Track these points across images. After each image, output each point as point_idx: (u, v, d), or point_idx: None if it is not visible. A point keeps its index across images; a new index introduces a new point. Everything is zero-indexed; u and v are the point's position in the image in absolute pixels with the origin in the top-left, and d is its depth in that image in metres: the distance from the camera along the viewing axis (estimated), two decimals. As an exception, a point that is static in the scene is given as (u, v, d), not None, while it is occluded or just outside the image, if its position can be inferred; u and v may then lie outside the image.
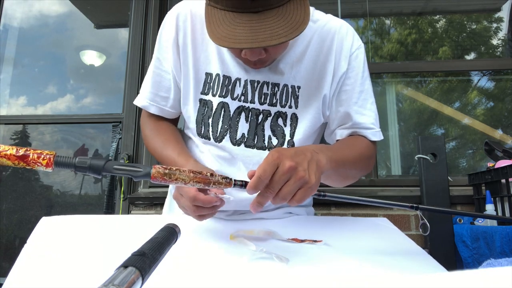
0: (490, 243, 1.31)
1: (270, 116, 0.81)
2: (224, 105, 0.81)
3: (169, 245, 0.37)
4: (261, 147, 0.81)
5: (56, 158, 0.47)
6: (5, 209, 2.11)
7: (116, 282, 0.25)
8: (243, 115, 0.81)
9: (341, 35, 0.85)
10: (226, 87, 0.82)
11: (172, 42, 0.84)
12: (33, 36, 2.56)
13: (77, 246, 0.62)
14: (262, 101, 0.82)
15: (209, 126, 0.82)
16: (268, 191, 0.56)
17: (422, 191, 1.63)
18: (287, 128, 0.82)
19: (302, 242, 0.67)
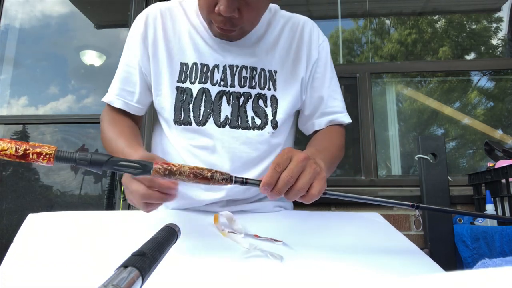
0: (490, 243, 1.31)
1: (251, 98, 0.84)
2: (204, 91, 0.83)
3: (169, 245, 0.37)
4: (246, 127, 0.83)
5: (57, 153, 0.46)
6: (5, 209, 2.11)
7: (116, 282, 0.25)
8: (225, 98, 0.83)
9: (309, 27, 0.92)
10: (205, 74, 0.84)
11: (139, 38, 0.86)
12: (33, 36, 2.56)
13: (67, 243, 0.60)
14: (242, 84, 0.84)
15: (190, 111, 0.82)
16: (286, 180, 0.54)
17: (422, 191, 1.63)
18: (268, 108, 0.85)
19: (261, 238, 0.66)
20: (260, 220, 0.79)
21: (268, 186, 0.54)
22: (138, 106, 0.88)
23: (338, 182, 1.94)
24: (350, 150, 2.23)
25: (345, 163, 2.29)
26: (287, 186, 0.55)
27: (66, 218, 0.71)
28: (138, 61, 0.87)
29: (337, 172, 2.29)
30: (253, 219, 0.78)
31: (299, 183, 0.55)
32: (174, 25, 0.88)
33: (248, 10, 0.74)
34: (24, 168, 2.26)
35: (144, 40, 0.86)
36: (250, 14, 0.76)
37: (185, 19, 0.89)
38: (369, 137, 1.95)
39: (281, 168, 0.55)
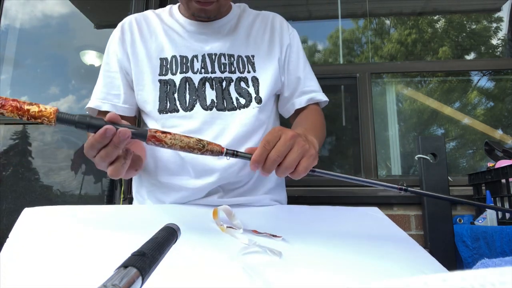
0: (490, 243, 1.31)
1: (233, 81, 0.88)
2: (187, 79, 0.87)
3: (169, 245, 0.37)
4: (232, 108, 0.86)
5: (58, 114, 0.49)
6: (5, 209, 2.11)
7: (116, 282, 0.25)
8: (208, 84, 0.87)
9: (279, 19, 1.00)
10: (185, 65, 0.88)
11: (118, 42, 0.91)
12: (33, 36, 2.56)
13: (63, 238, 0.60)
14: (222, 70, 0.88)
15: (176, 100, 0.86)
16: (273, 159, 0.57)
17: (422, 191, 1.63)
18: (251, 88, 0.89)
19: (260, 234, 0.66)
20: (258, 215, 0.79)
21: (257, 163, 0.58)
22: (125, 106, 0.90)
23: (338, 182, 1.93)
24: (350, 150, 2.23)
25: (345, 163, 2.29)
26: (275, 164, 0.58)
27: (62, 213, 0.70)
28: (118, 61, 0.90)
29: (337, 172, 2.29)
30: (251, 214, 0.78)
31: (286, 161, 0.58)
32: (149, 27, 0.93)
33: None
34: (24, 168, 2.26)
35: (123, 43, 0.90)
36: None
37: (159, 21, 0.94)
38: (369, 137, 1.95)
39: (270, 146, 0.58)
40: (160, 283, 0.46)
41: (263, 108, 0.89)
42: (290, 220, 0.77)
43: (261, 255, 0.58)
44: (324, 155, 2.29)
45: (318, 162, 0.64)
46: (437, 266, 0.61)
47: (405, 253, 0.65)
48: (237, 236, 0.63)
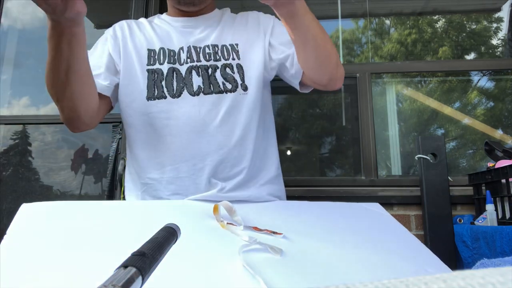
0: (490, 243, 1.31)
1: (218, 68, 0.91)
2: (174, 69, 0.90)
3: (169, 245, 0.37)
4: (219, 91, 0.89)
5: None
6: (5, 209, 2.11)
7: (116, 282, 0.25)
8: (194, 72, 0.90)
9: (256, 12, 1.03)
10: (172, 57, 0.92)
11: (109, 36, 0.96)
12: (33, 36, 2.56)
13: (62, 234, 0.59)
14: (207, 59, 0.92)
15: (163, 87, 0.89)
16: None
17: (422, 191, 1.63)
18: (236, 75, 0.91)
19: (260, 231, 0.66)
20: (259, 211, 0.78)
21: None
22: (104, 84, 0.90)
23: (338, 182, 1.94)
24: (350, 150, 2.23)
25: (345, 163, 2.29)
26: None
27: (60, 208, 0.69)
28: (108, 49, 0.93)
29: (337, 172, 2.29)
30: (252, 210, 0.78)
31: None
32: (139, 26, 0.99)
33: None
34: (24, 168, 2.26)
35: (115, 39, 0.95)
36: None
37: (148, 22, 1.00)
38: (369, 137, 1.95)
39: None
40: (160, 282, 0.46)
41: (250, 95, 0.91)
42: (291, 216, 0.77)
43: (261, 253, 0.57)
44: (324, 155, 2.30)
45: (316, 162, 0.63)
46: (437, 261, 0.61)
47: (405, 248, 0.65)
48: (238, 233, 0.63)
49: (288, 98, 2.36)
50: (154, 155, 0.89)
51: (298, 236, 0.65)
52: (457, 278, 0.15)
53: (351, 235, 0.68)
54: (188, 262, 0.55)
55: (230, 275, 0.52)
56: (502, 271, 0.15)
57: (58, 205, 0.69)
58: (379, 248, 0.63)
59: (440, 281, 0.15)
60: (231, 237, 0.62)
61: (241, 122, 0.89)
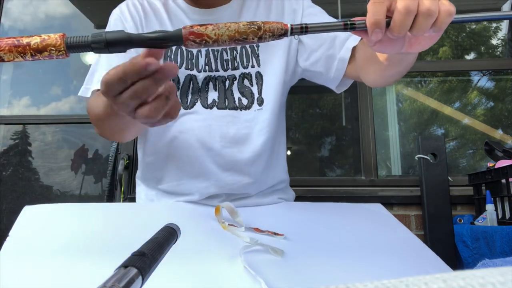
0: (490, 243, 1.31)
1: (236, 79, 0.83)
2: (192, 77, 0.83)
3: (169, 245, 0.37)
4: (233, 108, 0.82)
5: (67, 39, 0.39)
6: (5, 209, 2.11)
7: (116, 282, 0.25)
8: (211, 84, 0.83)
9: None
10: (190, 61, 0.83)
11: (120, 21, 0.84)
12: (33, 36, 2.56)
13: (63, 236, 0.59)
14: (225, 68, 0.83)
15: (178, 98, 0.81)
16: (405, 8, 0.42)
17: (422, 191, 1.63)
18: (254, 87, 0.83)
19: (261, 232, 0.66)
20: (261, 212, 0.78)
21: (377, 25, 0.43)
22: None
23: (338, 182, 1.94)
24: (350, 150, 2.23)
25: (345, 163, 2.29)
26: (409, 13, 0.42)
27: (62, 210, 0.69)
28: None
29: (337, 172, 2.29)
30: (254, 211, 0.78)
31: (423, 3, 0.42)
32: (154, 10, 0.86)
33: None
34: (24, 168, 2.26)
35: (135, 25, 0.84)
36: None
37: (162, 6, 0.86)
38: (369, 137, 1.95)
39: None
40: (161, 283, 0.46)
41: (265, 109, 0.83)
42: (292, 217, 0.77)
43: (263, 254, 0.57)
44: (324, 155, 2.30)
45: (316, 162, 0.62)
46: (439, 262, 0.61)
47: (407, 249, 0.65)
48: (239, 234, 0.63)
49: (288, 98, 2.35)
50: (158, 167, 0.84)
51: (300, 237, 0.65)
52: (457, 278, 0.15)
53: (353, 236, 0.68)
54: (190, 263, 0.55)
55: (231, 276, 0.52)
56: (502, 271, 0.15)
57: (60, 207, 0.69)
58: (380, 249, 0.63)
59: (440, 281, 0.15)
60: (232, 239, 0.62)
61: (253, 143, 0.82)
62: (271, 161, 0.86)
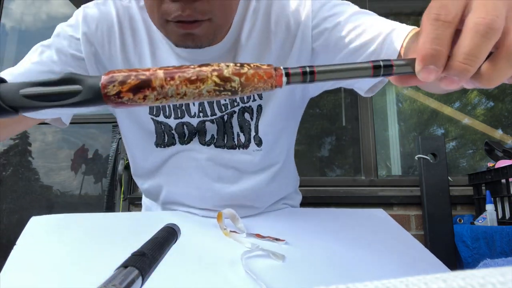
0: (490, 243, 1.31)
1: (235, 113, 0.71)
2: (184, 124, 0.71)
3: (169, 245, 0.37)
4: (231, 146, 0.72)
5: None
6: (5, 209, 2.11)
7: (116, 282, 0.25)
8: (208, 123, 0.71)
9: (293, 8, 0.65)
10: (179, 109, 0.69)
11: (84, 37, 0.63)
12: (33, 37, 2.56)
13: (69, 246, 0.60)
14: (223, 110, 0.70)
15: (174, 135, 0.72)
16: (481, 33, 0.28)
17: (422, 191, 1.63)
18: (253, 121, 0.71)
19: (263, 238, 0.66)
20: (263, 218, 0.78)
21: (434, 59, 0.29)
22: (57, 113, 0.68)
23: (338, 182, 1.94)
24: (350, 150, 2.23)
25: (345, 163, 2.29)
26: (487, 43, 0.28)
27: (68, 221, 0.71)
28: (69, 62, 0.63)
29: (337, 172, 2.29)
30: (256, 217, 0.78)
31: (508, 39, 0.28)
32: (134, 35, 0.65)
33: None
34: (24, 168, 2.26)
35: (93, 53, 0.64)
36: None
37: (145, 30, 0.65)
38: (369, 137, 1.95)
39: (451, 13, 0.29)
40: (160, 283, 0.46)
41: (265, 150, 0.72)
42: (294, 223, 0.77)
43: (264, 259, 0.58)
44: (324, 155, 2.30)
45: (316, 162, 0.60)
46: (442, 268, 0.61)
47: (409, 255, 0.65)
48: (240, 240, 0.63)
49: (288, 98, 2.36)
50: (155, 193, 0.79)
51: (301, 242, 0.66)
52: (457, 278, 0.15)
53: (355, 242, 0.69)
54: (191, 269, 0.55)
55: (232, 280, 0.52)
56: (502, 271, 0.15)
57: (66, 217, 0.70)
58: (381, 255, 0.63)
59: (440, 281, 0.15)
60: (234, 244, 0.62)
61: (255, 179, 0.74)
62: (277, 185, 0.79)
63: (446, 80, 0.30)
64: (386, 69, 0.31)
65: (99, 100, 0.27)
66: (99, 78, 0.27)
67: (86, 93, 0.27)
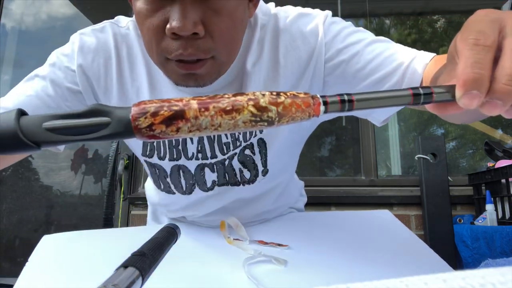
0: (490, 243, 1.31)
1: (236, 154, 0.65)
2: (180, 167, 0.65)
3: (169, 245, 0.37)
4: (235, 183, 0.67)
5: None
6: (5, 209, 2.11)
7: (116, 282, 0.25)
8: (207, 169, 0.66)
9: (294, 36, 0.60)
10: (175, 149, 0.63)
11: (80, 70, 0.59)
12: (32, 37, 2.56)
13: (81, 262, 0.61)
14: (225, 152, 0.64)
15: (170, 184, 0.68)
16: None
17: (422, 191, 1.63)
18: (257, 156, 0.65)
19: (266, 244, 0.66)
20: (267, 224, 0.78)
21: (477, 84, 0.28)
22: None
23: (338, 182, 1.94)
24: (350, 150, 2.23)
25: (345, 163, 2.29)
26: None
27: (80, 238, 0.72)
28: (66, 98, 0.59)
29: (337, 172, 2.29)
30: (259, 223, 0.78)
31: None
32: (131, 68, 0.61)
33: (219, 20, 0.47)
34: (24, 168, 2.26)
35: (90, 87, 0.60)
36: (222, 26, 0.48)
37: (143, 62, 0.60)
38: (369, 137, 1.95)
39: (490, 38, 0.29)
40: (160, 283, 0.46)
41: (273, 177, 0.69)
42: (297, 228, 0.76)
43: (266, 264, 0.58)
44: (324, 155, 2.30)
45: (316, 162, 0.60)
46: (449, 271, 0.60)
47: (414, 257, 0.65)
48: (243, 247, 0.64)
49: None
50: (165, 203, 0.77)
51: (304, 247, 0.66)
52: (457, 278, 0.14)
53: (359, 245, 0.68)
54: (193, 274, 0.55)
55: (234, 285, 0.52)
56: (502, 271, 0.15)
57: (78, 235, 0.72)
58: (386, 258, 0.62)
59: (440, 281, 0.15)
60: (236, 252, 0.63)
61: (259, 207, 0.73)
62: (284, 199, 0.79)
63: (489, 105, 0.29)
64: (426, 96, 0.30)
65: (129, 133, 0.25)
66: (129, 110, 0.25)
67: (116, 125, 0.25)
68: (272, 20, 0.60)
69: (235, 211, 0.72)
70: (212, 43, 0.48)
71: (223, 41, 0.49)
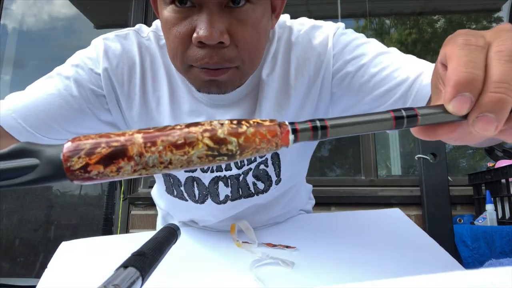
0: (490, 243, 1.31)
1: (251, 170, 0.65)
2: (194, 179, 0.66)
3: (169, 245, 0.37)
4: (248, 195, 0.68)
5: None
6: (5, 209, 2.11)
7: (116, 282, 0.25)
8: (221, 183, 0.66)
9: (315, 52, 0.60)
10: None
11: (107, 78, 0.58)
12: (33, 37, 2.56)
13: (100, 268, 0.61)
14: (240, 165, 0.64)
15: (183, 192, 0.68)
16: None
17: (422, 191, 1.63)
18: (270, 168, 0.65)
19: (274, 247, 0.66)
20: (275, 227, 0.78)
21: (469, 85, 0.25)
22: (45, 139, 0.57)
23: (338, 182, 1.94)
24: (350, 150, 2.23)
25: (345, 163, 2.29)
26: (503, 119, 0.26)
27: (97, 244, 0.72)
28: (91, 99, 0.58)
29: (337, 172, 2.29)
30: (268, 226, 0.78)
31: None
32: (154, 79, 0.61)
33: (244, 30, 0.48)
34: (24, 168, 2.26)
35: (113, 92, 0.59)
36: (247, 36, 0.49)
37: (165, 74, 0.61)
38: (369, 137, 1.95)
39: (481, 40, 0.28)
40: (160, 283, 0.46)
41: (285, 184, 0.70)
42: (306, 230, 0.76)
43: (273, 266, 0.58)
44: (324, 155, 2.30)
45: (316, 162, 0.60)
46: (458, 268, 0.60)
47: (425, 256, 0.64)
48: (252, 250, 0.64)
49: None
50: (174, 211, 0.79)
51: (312, 248, 0.66)
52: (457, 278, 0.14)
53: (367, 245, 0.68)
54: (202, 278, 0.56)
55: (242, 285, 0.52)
56: (502, 271, 0.15)
57: (96, 241, 0.72)
58: (396, 258, 0.62)
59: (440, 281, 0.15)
60: (245, 254, 0.63)
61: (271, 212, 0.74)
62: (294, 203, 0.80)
63: (481, 121, 0.25)
64: (410, 119, 0.26)
65: (61, 175, 0.21)
66: (60, 148, 0.22)
67: (44, 168, 0.21)
68: (286, 33, 0.61)
69: (247, 217, 0.72)
70: (236, 52, 0.49)
71: (247, 51, 0.50)
